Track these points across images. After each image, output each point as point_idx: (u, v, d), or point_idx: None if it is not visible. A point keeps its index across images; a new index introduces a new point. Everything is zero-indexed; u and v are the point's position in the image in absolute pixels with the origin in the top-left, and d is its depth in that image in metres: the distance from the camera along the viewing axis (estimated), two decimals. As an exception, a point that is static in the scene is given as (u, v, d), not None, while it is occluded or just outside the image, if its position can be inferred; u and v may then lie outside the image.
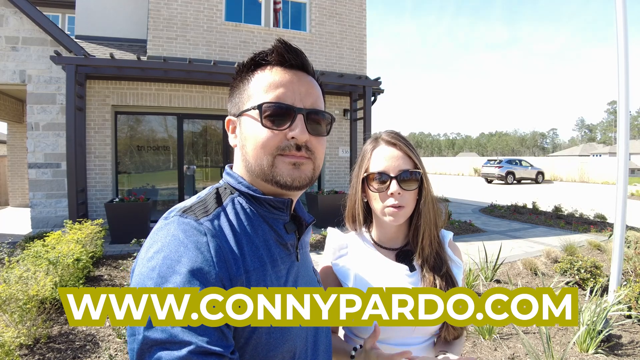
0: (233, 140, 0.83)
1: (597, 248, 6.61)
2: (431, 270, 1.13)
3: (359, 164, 1.19)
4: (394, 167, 1.10)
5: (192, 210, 0.70)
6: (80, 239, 4.86)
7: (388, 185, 1.09)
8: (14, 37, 7.65)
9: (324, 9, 9.92)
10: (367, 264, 1.19)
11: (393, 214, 1.10)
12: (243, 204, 0.77)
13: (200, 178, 9.53)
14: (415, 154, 1.13)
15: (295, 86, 0.77)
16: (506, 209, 11.64)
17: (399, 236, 1.21)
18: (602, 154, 54.31)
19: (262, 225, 0.77)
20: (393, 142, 1.13)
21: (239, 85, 0.81)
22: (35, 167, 7.78)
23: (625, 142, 3.82)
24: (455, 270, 1.16)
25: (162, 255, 0.62)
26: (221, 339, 0.60)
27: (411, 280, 1.14)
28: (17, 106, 11.29)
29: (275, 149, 0.74)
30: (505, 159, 26.85)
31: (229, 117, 0.83)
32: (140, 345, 0.58)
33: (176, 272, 0.60)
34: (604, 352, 3.20)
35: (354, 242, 1.26)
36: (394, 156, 1.11)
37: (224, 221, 0.71)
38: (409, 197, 1.11)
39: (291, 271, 0.80)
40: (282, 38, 0.78)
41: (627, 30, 3.79)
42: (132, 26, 9.68)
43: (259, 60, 0.78)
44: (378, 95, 9.96)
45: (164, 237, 0.65)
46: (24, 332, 3.10)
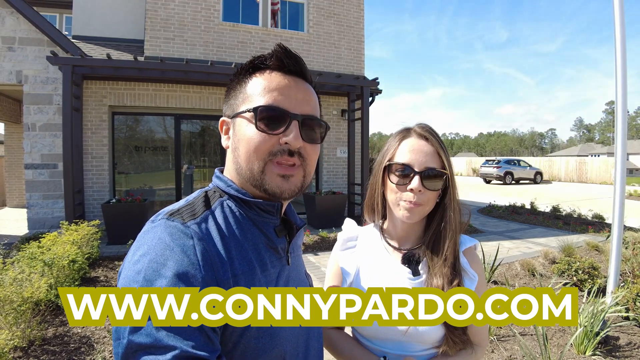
0: (226, 142, 0.82)
1: (594, 249, 6.63)
2: (440, 278, 1.04)
3: (383, 152, 1.12)
4: (420, 162, 1.03)
5: (179, 213, 0.70)
6: (76, 240, 4.84)
7: (410, 180, 1.03)
8: (10, 37, 7.63)
9: (321, 9, 9.93)
10: (371, 262, 1.15)
11: (409, 210, 1.04)
12: (232, 207, 0.76)
13: (198, 178, 9.52)
14: (445, 153, 1.06)
15: (292, 92, 0.76)
16: (504, 209, 11.67)
17: (411, 236, 1.14)
18: (600, 154, 54.51)
19: (252, 228, 0.76)
20: (425, 135, 1.06)
21: (236, 87, 0.80)
22: (32, 167, 7.75)
23: (623, 145, 3.83)
24: (468, 283, 1.07)
25: (148, 258, 0.61)
26: (207, 343, 0.60)
27: (413, 285, 1.09)
28: (14, 106, 11.25)
29: (267, 153, 0.74)
30: (503, 159, 26.94)
31: (223, 119, 0.82)
32: (124, 349, 0.57)
33: (162, 276, 0.60)
34: (602, 354, 3.20)
35: (364, 236, 1.21)
36: (422, 150, 1.04)
37: (211, 224, 0.70)
38: (429, 197, 1.04)
39: (281, 275, 0.79)
40: (282, 43, 0.77)
41: (624, 32, 3.81)
42: (129, 26, 9.66)
43: (257, 63, 0.78)
44: (376, 95, 9.98)
45: (150, 240, 0.64)
46: (18, 334, 3.08)
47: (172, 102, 8.72)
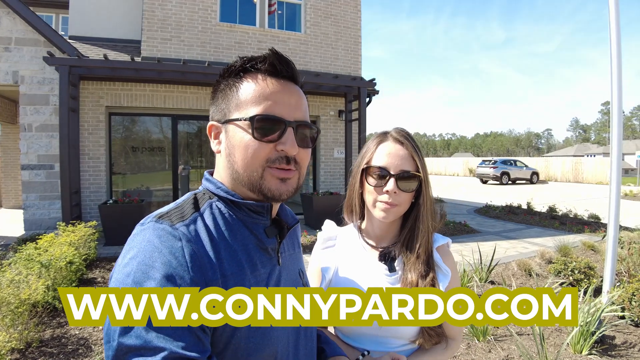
0: (216, 147, 0.81)
1: (590, 248, 6.66)
2: (415, 274, 1.10)
3: (362, 155, 1.19)
4: (396, 166, 1.10)
5: (168, 215, 0.70)
6: (73, 242, 4.82)
7: (386, 182, 1.09)
8: (6, 38, 7.58)
9: (319, 10, 9.93)
10: (349, 259, 1.21)
11: (385, 210, 1.11)
12: (222, 209, 0.76)
13: (194, 179, 9.49)
14: (420, 156, 1.12)
15: (285, 98, 0.76)
16: (501, 209, 11.70)
17: (387, 235, 1.21)
18: (596, 154, 54.73)
19: (242, 229, 0.76)
20: (400, 140, 1.13)
21: (225, 90, 0.79)
22: (29, 168, 7.71)
23: (618, 146, 3.85)
24: (441, 278, 1.13)
25: (137, 261, 0.62)
26: (197, 344, 0.60)
27: (390, 280, 1.14)
28: (10, 107, 11.18)
29: (265, 160, 0.74)
30: (500, 159, 27.02)
31: (212, 123, 0.81)
32: (115, 352, 0.58)
33: (150, 278, 0.60)
34: (598, 353, 3.22)
35: (343, 235, 1.28)
36: (398, 154, 1.11)
37: (200, 226, 0.70)
38: (404, 198, 1.11)
39: (272, 275, 0.79)
40: (274, 48, 0.77)
41: (620, 33, 3.83)
42: (126, 27, 9.62)
43: (248, 66, 0.77)
44: (373, 96, 9.99)
45: (139, 243, 0.64)
46: (16, 336, 3.05)
47: (169, 102, 8.70)
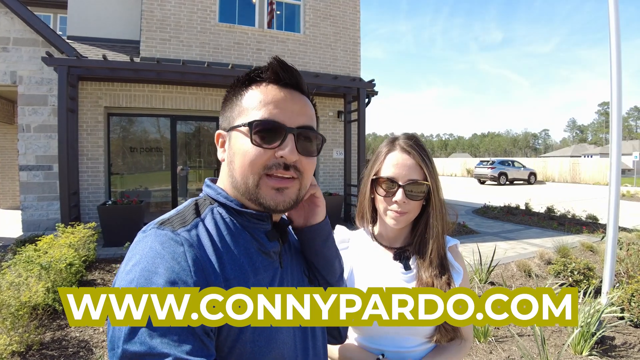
0: (222, 155, 0.81)
1: (589, 249, 6.67)
2: (429, 274, 1.13)
3: (371, 164, 1.22)
4: (403, 176, 1.12)
5: (169, 222, 0.70)
6: (72, 243, 4.81)
7: (394, 192, 1.12)
8: (4, 38, 7.57)
9: (318, 11, 9.93)
10: (364, 259, 1.23)
11: (395, 219, 1.14)
12: (222, 214, 0.76)
13: (193, 179, 9.48)
14: (428, 164, 1.14)
15: (287, 104, 0.76)
16: (499, 210, 11.71)
17: (400, 237, 1.24)
18: (593, 155, 54.92)
19: (243, 234, 0.76)
20: (407, 149, 1.14)
21: (232, 99, 0.79)
22: (27, 169, 7.69)
23: (618, 149, 3.85)
24: (455, 277, 1.17)
25: (140, 267, 0.62)
26: (201, 348, 0.60)
27: (405, 278, 1.16)
28: (8, 107, 11.16)
29: (262, 167, 0.73)
30: (497, 159, 27.05)
31: (219, 131, 0.82)
32: (119, 358, 0.57)
33: (153, 284, 0.60)
34: (598, 354, 3.23)
35: (356, 238, 1.30)
36: (405, 164, 1.13)
37: (202, 231, 0.70)
38: (413, 205, 1.13)
39: (275, 279, 0.79)
40: (278, 56, 0.77)
41: (619, 34, 3.83)
42: (125, 27, 9.61)
43: (253, 76, 0.77)
44: (372, 97, 9.99)
45: (141, 249, 0.65)
46: (16, 339, 3.05)
47: (168, 103, 8.69)
